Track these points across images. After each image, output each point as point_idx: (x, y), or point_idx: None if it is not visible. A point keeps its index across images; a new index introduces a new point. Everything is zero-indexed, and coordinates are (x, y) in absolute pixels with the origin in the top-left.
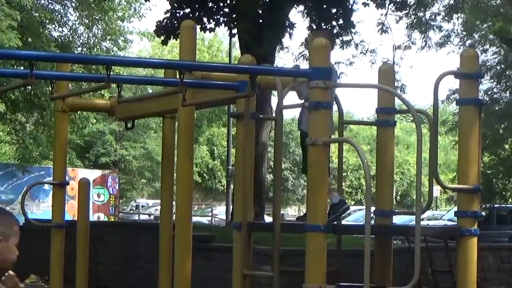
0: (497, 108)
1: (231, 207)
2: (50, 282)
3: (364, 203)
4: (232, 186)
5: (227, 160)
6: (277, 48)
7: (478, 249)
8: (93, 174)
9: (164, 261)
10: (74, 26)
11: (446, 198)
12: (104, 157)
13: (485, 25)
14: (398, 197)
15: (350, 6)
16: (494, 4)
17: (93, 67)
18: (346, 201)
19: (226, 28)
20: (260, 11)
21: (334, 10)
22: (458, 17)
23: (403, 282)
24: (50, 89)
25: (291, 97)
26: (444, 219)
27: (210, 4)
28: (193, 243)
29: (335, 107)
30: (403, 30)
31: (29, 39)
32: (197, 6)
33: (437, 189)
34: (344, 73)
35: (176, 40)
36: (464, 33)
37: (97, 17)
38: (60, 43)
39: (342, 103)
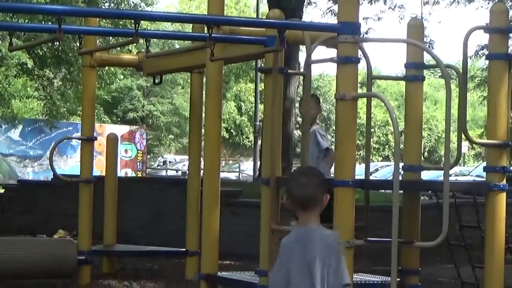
0: None
1: (258, 162)
2: (78, 237)
3: (391, 159)
4: (259, 141)
5: (255, 116)
6: (305, 3)
7: (507, 205)
8: (120, 130)
9: (192, 217)
10: None
11: (473, 154)
12: (132, 113)
13: None
14: (425, 153)
15: None
16: None
17: (121, 22)
18: None
19: None
20: None
21: None
22: None
23: (431, 238)
24: (78, 44)
25: (319, 52)
26: (472, 175)
27: None
28: (220, 199)
29: (363, 63)
30: None
31: None
32: None
33: (465, 145)
34: (372, 29)
35: None
36: None
37: None
38: None
39: (369, 59)
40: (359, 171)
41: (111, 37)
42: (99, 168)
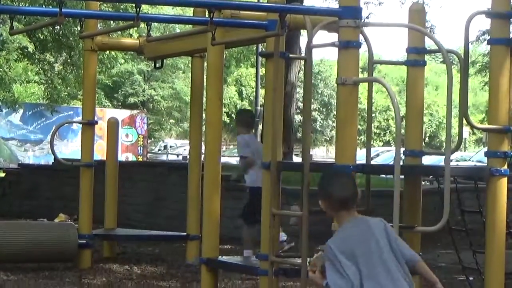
0: None
1: None
2: (79, 221)
3: (392, 144)
4: (260, 126)
5: (255, 101)
6: None
7: (508, 190)
8: (121, 114)
9: (192, 201)
10: None
11: (474, 140)
12: (132, 97)
13: None
14: (426, 139)
15: None
16: None
17: (122, 6)
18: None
19: None
20: None
21: None
22: None
23: (432, 222)
24: (79, 28)
25: (321, 37)
26: (473, 161)
27: None
28: (221, 183)
29: (364, 47)
30: None
31: None
32: None
33: (466, 131)
34: (373, 13)
35: None
36: None
37: None
38: None
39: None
40: (360, 156)
41: (111, 21)
42: (99, 152)
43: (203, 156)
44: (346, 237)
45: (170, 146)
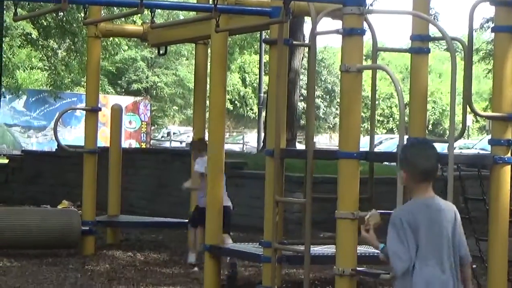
0: None
1: (262, 134)
2: (82, 208)
3: (395, 131)
4: (263, 113)
5: (259, 88)
6: None
7: None
8: (124, 101)
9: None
10: None
11: (478, 127)
12: (136, 84)
13: None
14: (429, 126)
15: None
16: None
17: None
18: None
19: None
20: None
21: None
22: None
23: None
24: (83, 15)
25: (324, 24)
26: (476, 148)
27: None
28: (225, 170)
29: (368, 35)
30: None
31: None
32: None
33: (469, 118)
34: (377, 0)
35: None
36: None
37: None
38: None
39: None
40: (363, 144)
41: (115, 8)
42: (103, 139)
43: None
44: (415, 212)
45: (174, 133)
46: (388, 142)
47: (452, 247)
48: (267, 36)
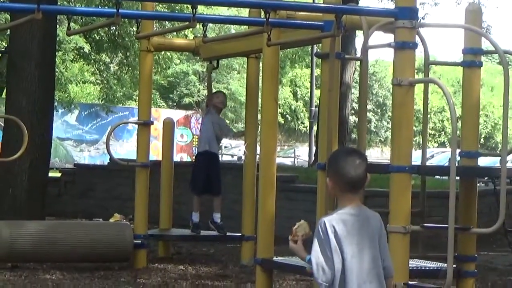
0: None
1: (313, 148)
2: (134, 221)
3: (447, 145)
4: (315, 127)
5: (310, 101)
6: None
7: None
8: (176, 115)
9: (247, 201)
10: None
11: None
12: (187, 98)
13: None
14: (481, 140)
15: None
16: None
17: (177, 6)
18: None
19: None
20: None
21: None
22: None
23: (487, 224)
24: (135, 29)
25: (376, 38)
26: None
27: None
28: (276, 184)
29: (420, 48)
30: None
31: None
32: None
33: None
34: (428, 14)
35: None
36: None
37: None
38: None
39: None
40: (415, 157)
41: (167, 22)
42: (154, 152)
43: (258, 156)
44: (342, 221)
45: (225, 147)
46: (440, 156)
47: (379, 257)
48: (318, 50)
